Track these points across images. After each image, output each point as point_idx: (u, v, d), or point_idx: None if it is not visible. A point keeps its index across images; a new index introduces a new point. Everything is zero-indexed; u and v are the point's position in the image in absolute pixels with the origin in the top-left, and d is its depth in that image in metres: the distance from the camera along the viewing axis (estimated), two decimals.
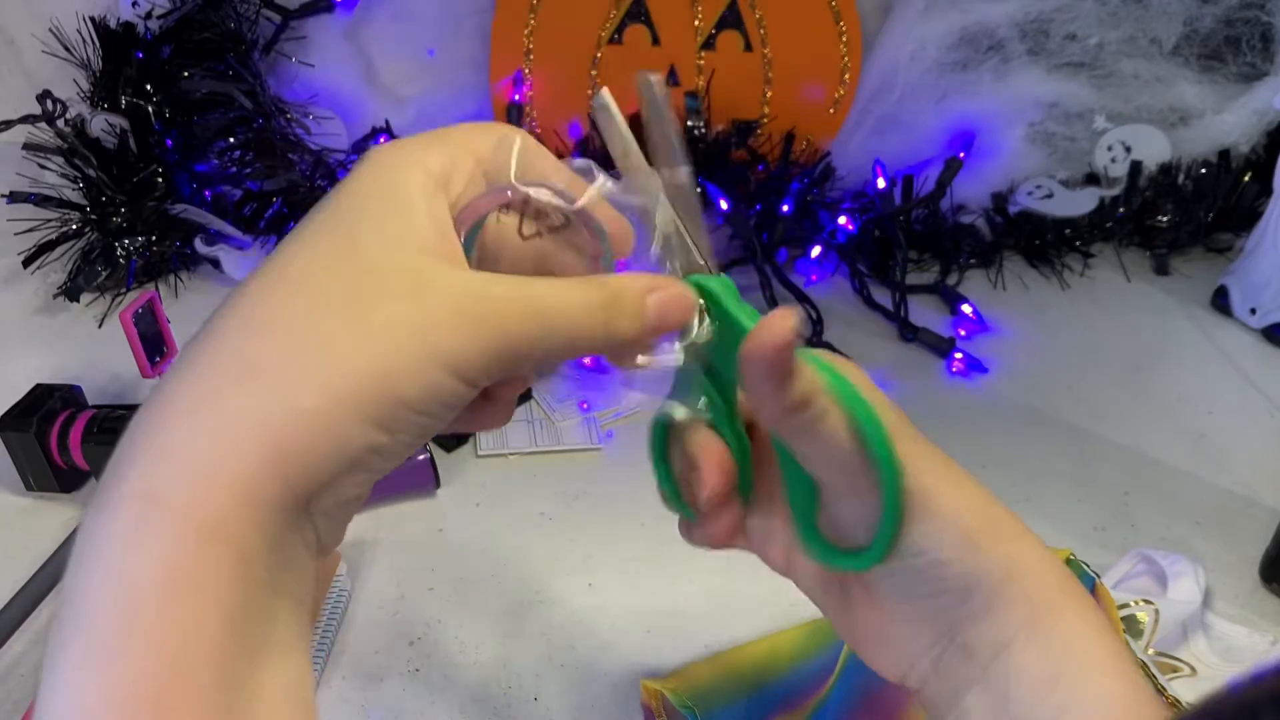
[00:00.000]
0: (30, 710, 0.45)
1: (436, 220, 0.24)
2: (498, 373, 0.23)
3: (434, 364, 0.22)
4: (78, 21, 0.82)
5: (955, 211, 0.93)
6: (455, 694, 0.48)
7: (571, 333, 0.24)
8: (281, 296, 0.22)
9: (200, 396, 0.21)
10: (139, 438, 0.21)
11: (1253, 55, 0.92)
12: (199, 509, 0.20)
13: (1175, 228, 0.92)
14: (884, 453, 0.27)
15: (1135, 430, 0.69)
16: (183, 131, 0.81)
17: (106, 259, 0.80)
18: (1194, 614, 0.51)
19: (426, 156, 0.24)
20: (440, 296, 0.22)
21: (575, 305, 0.24)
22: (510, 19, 0.92)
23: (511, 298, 0.23)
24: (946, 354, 0.76)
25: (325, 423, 0.21)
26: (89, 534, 0.20)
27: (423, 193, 0.24)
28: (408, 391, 0.21)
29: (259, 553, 0.21)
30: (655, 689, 0.47)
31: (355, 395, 0.21)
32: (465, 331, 0.22)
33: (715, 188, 0.82)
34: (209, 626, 0.20)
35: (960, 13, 0.90)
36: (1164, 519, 0.61)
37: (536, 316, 0.23)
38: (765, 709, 0.47)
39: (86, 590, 0.19)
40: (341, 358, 0.21)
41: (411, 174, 0.24)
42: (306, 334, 0.21)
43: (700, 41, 0.93)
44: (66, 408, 0.59)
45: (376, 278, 0.22)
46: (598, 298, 0.24)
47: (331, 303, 0.22)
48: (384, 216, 0.23)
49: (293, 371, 0.21)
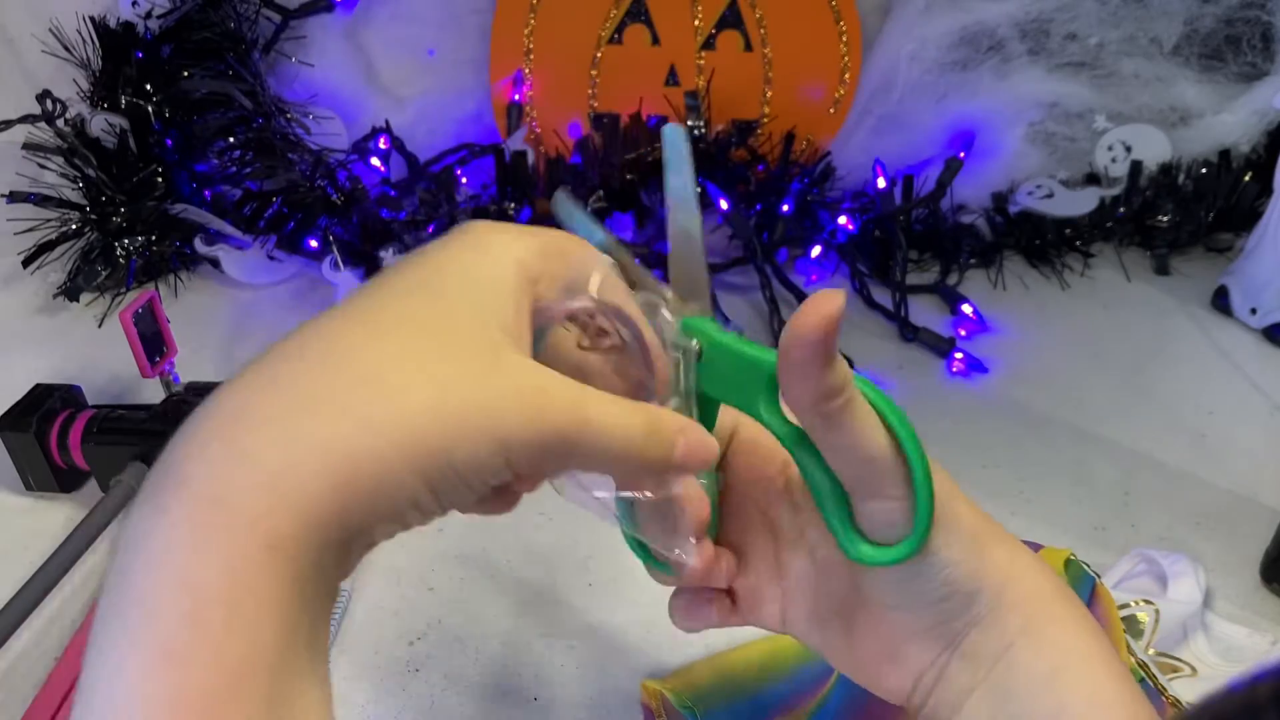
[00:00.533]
0: (32, 707, 0.45)
1: (521, 311, 0.25)
2: (536, 464, 0.24)
3: (489, 440, 0.22)
4: (77, 21, 0.82)
5: (955, 211, 0.93)
6: (455, 694, 0.48)
7: (608, 445, 0.25)
8: (365, 336, 0.23)
9: (275, 409, 0.21)
10: (206, 440, 0.21)
11: (1253, 55, 0.92)
12: (268, 521, 0.20)
13: (1175, 228, 0.92)
14: (913, 440, 0.28)
15: (1135, 430, 0.69)
16: (182, 131, 0.82)
17: (106, 259, 0.80)
18: (1194, 614, 0.51)
19: (527, 254, 0.26)
20: (510, 379, 0.23)
21: (619, 421, 0.25)
22: (510, 19, 0.92)
23: (568, 398, 0.24)
24: (947, 354, 0.76)
25: (388, 467, 0.21)
26: (148, 531, 0.20)
27: (516, 283, 0.25)
28: (462, 459, 0.22)
29: (311, 576, 0.21)
30: (655, 689, 0.47)
31: (418, 449, 0.22)
32: (523, 418, 0.23)
33: (715, 188, 0.82)
34: (268, 641, 0.20)
35: (960, 12, 0.90)
36: (1164, 519, 0.61)
37: (584, 422, 0.24)
38: (766, 710, 0.47)
39: (149, 590, 0.19)
40: (413, 412, 0.22)
41: (510, 262, 0.25)
42: (385, 378, 0.22)
43: (700, 41, 0.93)
44: (66, 408, 0.59)
45: (460, 347, 0.23)
46: (640, 421, 0.26)
47: (415, 356, 0.22)
48: (478, 292, 0.24)
49: (367, 410, 0.21)
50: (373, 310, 0.24)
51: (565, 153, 0.91)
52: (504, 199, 0.83)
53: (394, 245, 0.80)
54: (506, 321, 0.24)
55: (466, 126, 0.96)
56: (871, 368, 0.74)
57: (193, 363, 0.74)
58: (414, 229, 0.81)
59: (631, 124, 0.90)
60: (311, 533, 0.21)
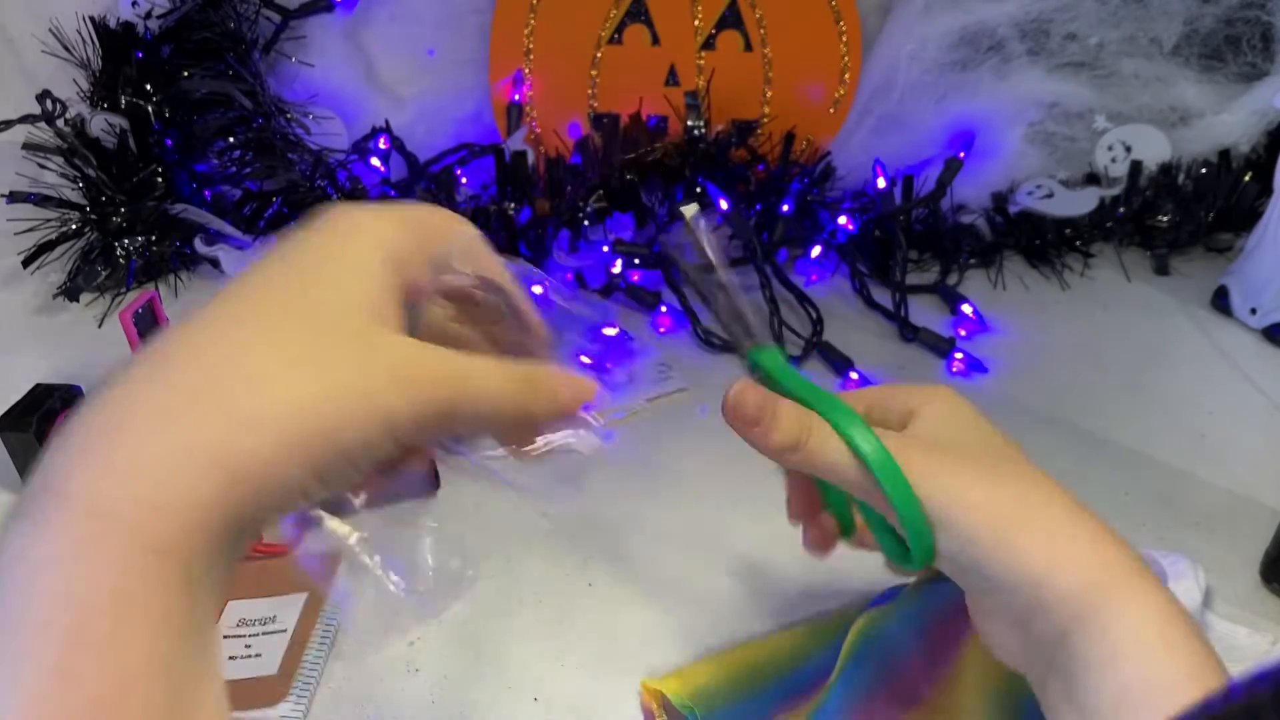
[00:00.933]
0: None
1: (387, 291, 0.25)
2: (425, 434, 0.25)
3: (373, 421, 0.23)
4: (77, 21, 0.82)
5: (955, 211, 0.93)
6: (455, 694, 0.48)
7: (492, 405, 0.26)
8: (239, 332, 0.23)
9: (152, 414, 0.21)
10: (81, 448, 0.21)
11: (1253, 55, 0.92)
12: (152, 528, 0.20)
13: (1175, 228, 0.92)
14: (880, 464, 0.31)
15: (1135, 430, 0.69)
16: (182, 131, 0.82)
17: (106, 259, 0.80)
18: (1193, 613, 0.51)
19: (390, 232, 0.26)
20: (384, 359, 0.24)
21: (498, 381, 0.26)
22: (510, 19, 0.92)
23: (445, 369, 0.25)
24: (947, 354, 0.76)
25: (273, 463, 0.22)
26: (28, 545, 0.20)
27: (381, 266, 0.25)
28: (349, 444, 0.23)
29: (202, 576, 0.21)
30: (655, 689, 0.47)
31: (304, 441, 0.22)
32: (403, 394, 0.24)
33: (715, 188, 0.82)
34: (161, 648, 0.20)
35: (960, 12, 0.90)
36: (1164, 519, 0.61)
37: (463, 387, 0.25)
38: (766, 709, 0.47)
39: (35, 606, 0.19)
40: (294, 405, 0.22)
41: (374, 245, 0.25)
42: (262, 374, 0.22)
43: (700, 41, 0.93)
44: (66, 408, 0.59)
45: (331, 334, 0.23)
46: (520, 379, 0.27)
47: (287, 348, 0.23)
48: (343, 279, 0.25)
49: (248, 405, 0.22)
50: (244, 306, 0.24)
51: (565, 153, 0.91)
52: (504, 199, 0.83)
53: None
54: (375, 302, 0.25)
55: (466, 126, 0.96)
56: (871, 368, 0.74)
57: None
58: None
59: (631, 124, 0.90)
60: (200, 535, 0.21)
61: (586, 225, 0.84)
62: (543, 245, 0.84)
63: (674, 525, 0.60)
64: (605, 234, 0.85)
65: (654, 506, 0.61)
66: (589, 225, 0.84)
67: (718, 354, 0.77)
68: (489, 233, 0.81)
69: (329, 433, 0.22)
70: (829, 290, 0.86)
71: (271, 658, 0.48)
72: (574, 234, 0.84)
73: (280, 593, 0.51)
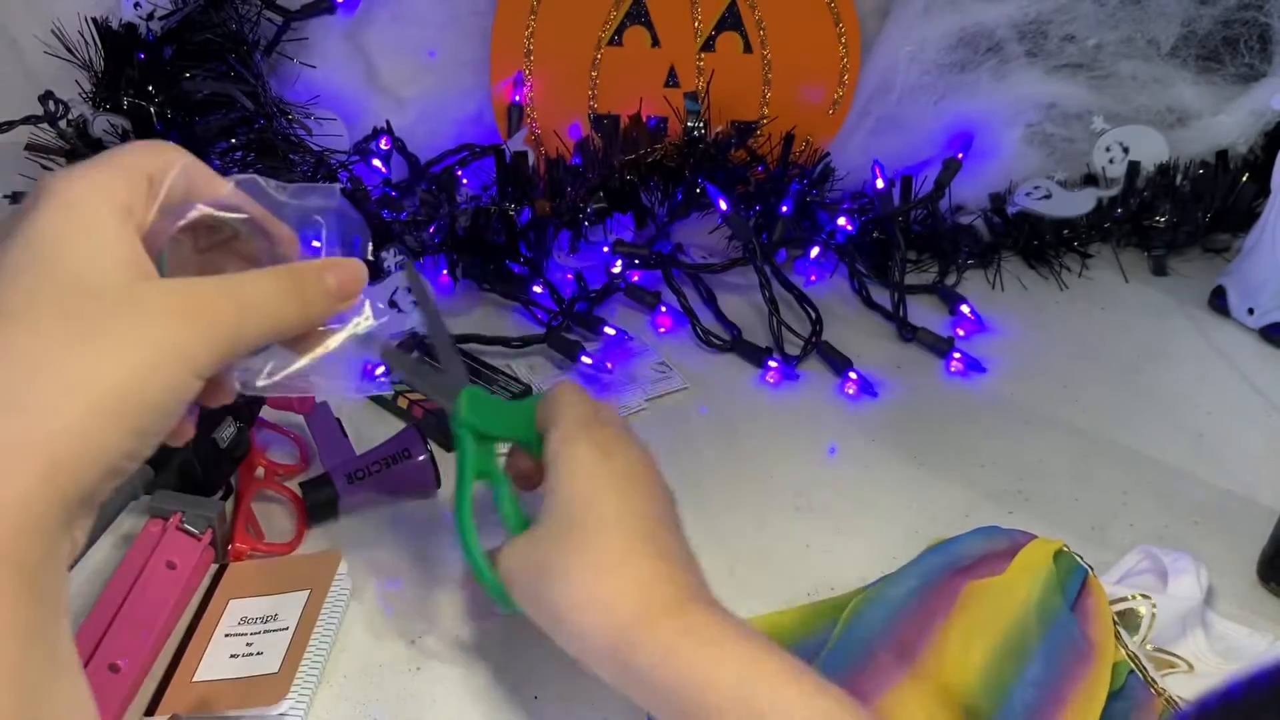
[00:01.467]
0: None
1: (130, 243, 0.26)
2: (220, 360, 0.25)
3: (171, 365, 0.24)
4: (79, 22, 0.82)
5: (954, 212, 0.94)
6: (456, 694, 0.49)
7: (272, 312, 0.27)
8: (10, 326, 0.23)
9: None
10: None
11: (1250, 56, 0.92)
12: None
13: (1173, 228, 0.92)
14: (462, 530, 0.43)
15: (1133, 430, 0.69)
16: (184, 132, 0.82)
17: None
18: (1193, 610, 0.51)
19: (110, 185, 0.26)
20: (157, 305, 0.24)
21: (269, 288, 0.27)
22: (510, 20, 0.92)
23: (216, 293, 0.26)
24: (945, 354, 0.77)
25: (88, 436, 0.22)
26: None
27: (113, 219, 0.25)
28: (155, 395, 0.24)
29: (40, 570, 0.21)
30: None
31: (113, 407, 0.23)
32: (188, 331, 0.24)
33: (715, 188, 0.82)
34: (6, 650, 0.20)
35: (959, 14, 0.90)
36: (1162, 519, 0.61)
37: (240, 304, 0.26)
38: None
39: None
40: (89, 376, 0.23)
41: (100, 204, 0.25)
42: (47, 359, 0.22)
43: (700, 43, 0.93)
44: None
45: (95, 299, 0.24)
46: (287, 278, 0.28)
47: (61, 327, 0.23)
48: (84, 244, 0.25)
49: (46, 395, 0.22)
50: (3, 302, 0.23)
51: (565, 154, 0.91)
52: (504, 199, 0.83)
53: (395, 246, 0.80)
54: (124, 258, 0.25)
55: (467, 127, 0.96)
56: (870, 368, 0.75)
57: None
58: (415, 229, 0.81)
59: (631, 125, 0.90)
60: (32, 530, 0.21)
61: (587, 226, 0.84)
62: (543, 246, 0.84)
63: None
64: (605, 234, 0.85)
65: None
66: (589, 226, 0.84)
67: (718, 354, 0.78)
68: (489, 233, 0.82)
69: (134, 390, 0.23)
70: (828, 290, 0.87)
71: (273, 656, 0.48)
72: (574, 235, 0.85)
73: (282, 591, 0.52)
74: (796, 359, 0.76)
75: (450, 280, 0.84)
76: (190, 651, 0.49)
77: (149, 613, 0.49)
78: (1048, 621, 0.46)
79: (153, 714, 0.46)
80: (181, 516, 0.53)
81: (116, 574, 0.51)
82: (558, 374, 0.74)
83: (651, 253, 0.83)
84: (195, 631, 0.50)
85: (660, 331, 0.81)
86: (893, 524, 0.60)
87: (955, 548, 0.53)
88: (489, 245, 0.82)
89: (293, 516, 0.59)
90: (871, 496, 0.63)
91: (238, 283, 0.27)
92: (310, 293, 0.28)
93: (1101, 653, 0.46)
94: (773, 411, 0.71)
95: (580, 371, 0.73)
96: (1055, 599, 0.47)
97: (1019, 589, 0.48)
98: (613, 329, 0.77)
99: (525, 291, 0.81)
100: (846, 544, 0.58)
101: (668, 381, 0.73)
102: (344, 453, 0.61)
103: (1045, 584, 0.48)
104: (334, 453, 0.62)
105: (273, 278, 0.27)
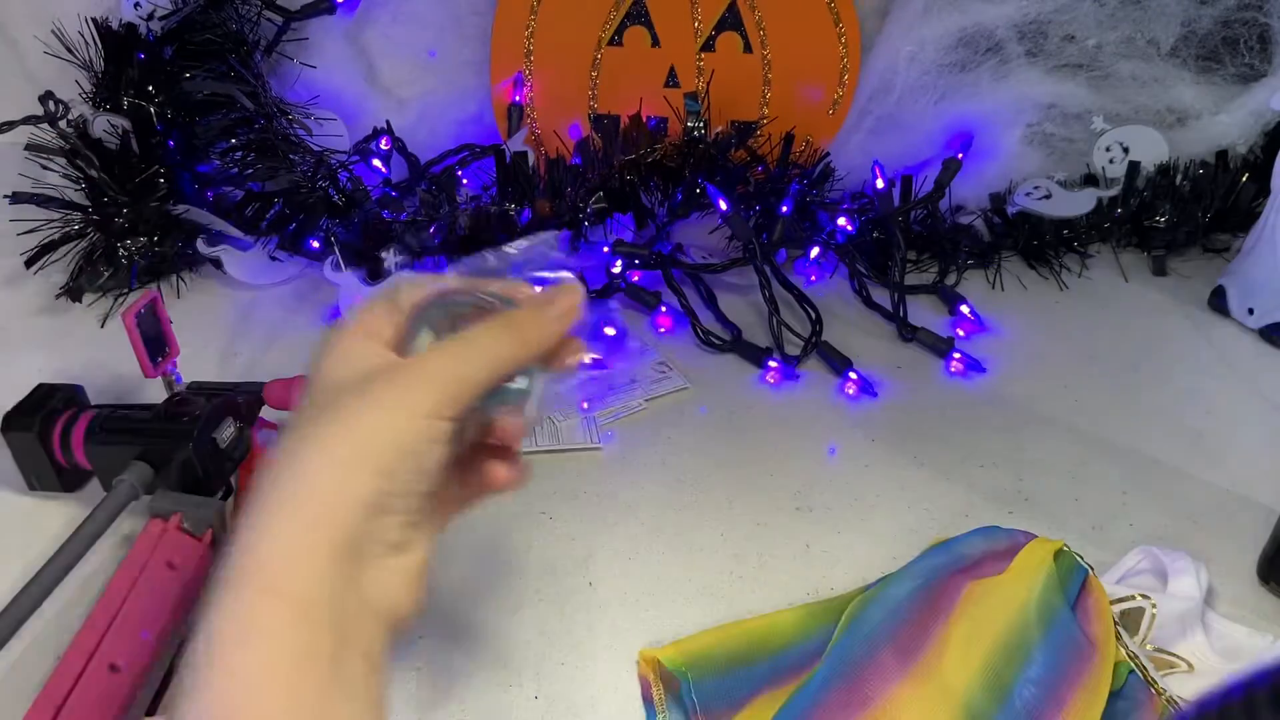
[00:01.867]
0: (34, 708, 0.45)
1: (373, 353, 0.32)
2: (451, 403, 0.30)
3: (396, 414, 0.29)
4: (79, 23, 0.82)
5: (954, 212, 0.94)
6: (456, 693, 0.49)
7: (492, 354, 0.31)
8: (294, 430, 0.29)
9: (265, 510, 0.28)
10: (240, 544, 0.27)
11: (1250, 56, 0.92)
12: (259, 572, 0.26)
13: (1173, 228, 0.92)
14: None
15: (1133, 430, 0.69)
16: (184, 132, 0.82)
17: (109, 259, 0.81)
18: (1193, 610, 0.51)
19: (359, 323, 0.32)
20: (382, 377, 0.30)
21: (483, 336, 0.32)
22: (510, 20, 0.92)
23: (434, 353, 0.31)
24: (945, 354, 0.77)
25: (339, 486, 0.28)
26: (225, 603, 0.26)
27: (359, 343, 0.32)
28: (386, 439, 0.28)
29: (317, 603, 0.26)
30: (652, 657, 0.49)
31: (352, 458, 0.28)
32: (407, 387, 0.29)
33: (715, 188, 0.82)
34: (279, 664, 0.25)
35: (959, 14, 0.90)
36: (1162, 518, 0.61)
37: (456, 356, 0.31)
38: (754, 683, 0.47)
39: (194, 646, 0.26)
40: (334, 441, 0.28)
41: (354, 339, 0.32)
42: (311, 435, 0.29)
43: (700, 43, 0.93)
44: (69, 408, 0.59)
45: (342, 391, 0.30)
46: (497, 323, 0.32)
47: (320, 415, 0.29)
48: (341, 364, 0.31)
49: (304, 462, 0.28)
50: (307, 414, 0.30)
51: (565, 154, 0.91)
52: (504, 200, 0.83)
53: (395, 246, 0.80)
54: (367, 365, 0.31)
55: (467, 127, 0.97)
56: (870, 368, 0.75)
57: (195, 363, 0.74)
58: (415, 229, 0.81)
59: (631, 125, 0.90)
60: (304, 567, 0.26)
61: (587, 226, 0.84)
62: None
63: (673, 524, 0.60)
64: (605, 235, 0.85)
65: (653, 505, 0.61)
66: (589, 226, 0.85)
67: (718, 354, 0.78)
68: (489, 233, 0.82)
69: (368, 441, 0.28)
70: (828, 290, 0.87)
71: None
72: (574, 235, 0.85)
73: None
74: (796, 359, 0.76)
75: None
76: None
77: (149, 613, 0.49)
78: (1049, 621, 0.46)
79: (153, 714, 0.46)
80: (182, 517, 0.53)
81: (116, 574, 0.51)
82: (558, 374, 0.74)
83: (651, 253, 0.83)
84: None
85: (660, 331, 0.81)
86: (893, 524, 0.60)
87: (956, 547, 0.53)
88: (489, 245, 0.82)
89: None
90: (871, 496, 0.63)
91: (456, 339, 0.32)
92: (525, 328, 0.32)
93: (1103, 652, 0.46)
94: (773, 412, 0.71)
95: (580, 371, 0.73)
96: (1056, 598, 0.47)
97: (1020, 588, 0.48)
98: (613, 329, 0.77)
99: None
100: (847, 544, 0.58)
101: (668, 381, 0.74)
102: None
103: (1046, 583, 0.48)
104: None
105: (484, 326, 0.32)
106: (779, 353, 0.77)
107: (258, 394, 0.62)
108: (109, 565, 0.56)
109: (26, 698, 0.47)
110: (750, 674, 0.48)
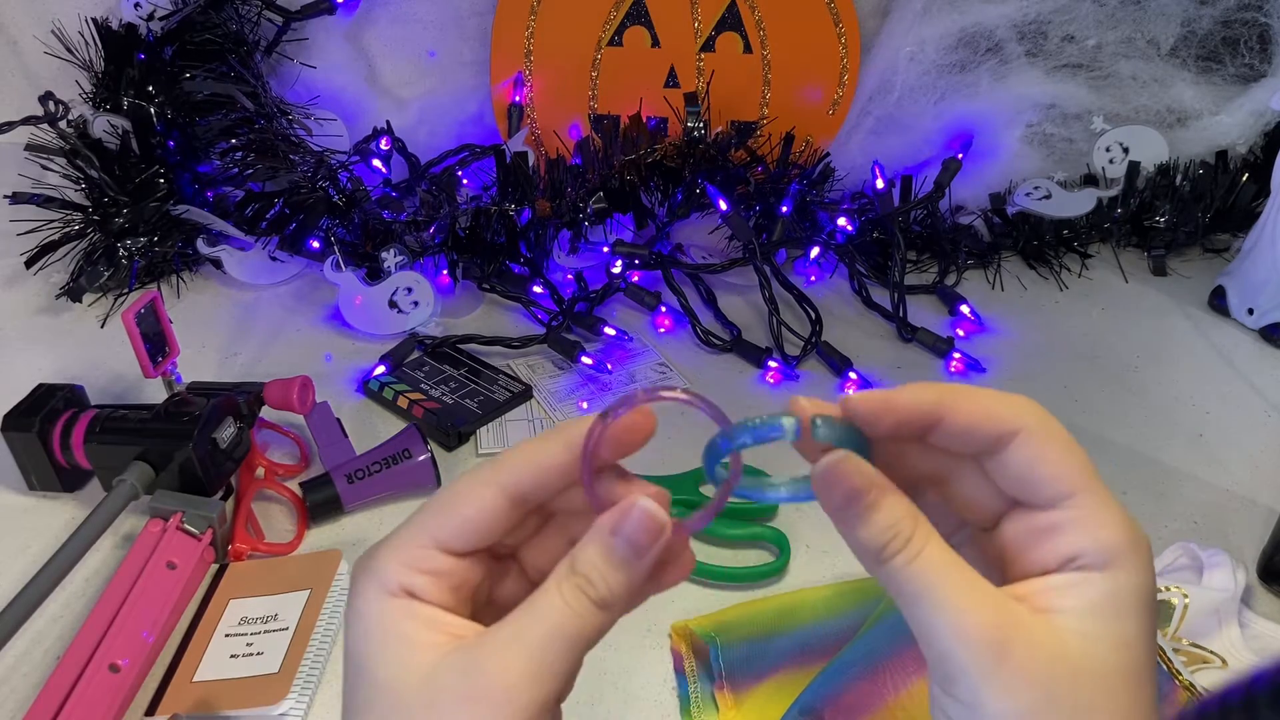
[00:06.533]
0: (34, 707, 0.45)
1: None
2: (540, 704, 0.27)
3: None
4: (79, 23, 0.82)
5: (954, 212, 0.94)
6: None
7: (566, 634, 0.28)
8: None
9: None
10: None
11: (1250, 56, 0.92)
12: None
13: (1173, 228, 0.92)
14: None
15: (1133, 430, 0.69)
16: (184, 132, 0.82)
17: (109, 259, 0.81)
18: (1228, 603, 0.51)
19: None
20: (448, 695, 0.26)
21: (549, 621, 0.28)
22: (510, 20, 0.92)
23: (500, 656, 0.27)
24: (945, 354, 0.77)
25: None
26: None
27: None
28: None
29: None
30: (684, 627, 0.51)
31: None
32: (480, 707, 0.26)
33: (715, 188, 0.82)
34: None
35: (958, 14, 0.90)
36: (1162, 518, 0.61)
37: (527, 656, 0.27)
38: (779, 656, 0.49)
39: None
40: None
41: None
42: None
43: (700, 43, 0.93)
44: (69, 407, 0.59)
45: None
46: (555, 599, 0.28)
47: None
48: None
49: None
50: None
51: (566, 154, 0.91)
52: (505, 200, 0.83)
53: (395, 246, 0.80)
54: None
55: (467, 128, 0.97)
56: (870, 368, 0.75)
57: (195, 363, 0.74)
58: (415, 229, 0.81)
59: (631, 125, 0.90)
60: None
61: (587, 226, 0.84)
62: (543, 246, 0.85)
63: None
64: (605, 234, 0.85)
65: None
66: (589, 226, 0.85)
67: (718, 354, 0.78)
68: (489, 233, 0.82)
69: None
70: (828, 290, 0.87)
71: (273, 656, 0.48)
72: (574, 235, 0.85)
73: (282, 591, 0.52)
74: (796, 359, 0.76)
75: (450, 280, 0.84)
76: (190, 651, 0.49)
77: (149, 613, 0.49)
78: None
79: (153, 714, 0.46)
80: (182, 516, 0.53)
81: (116, 574, 0.51)
82: (558, 374, 0.74)
83: (651, 253, 0.83)
84: (195, 631, 0.50)
85: (660, 331, 0.81)
86: None
87: None
88: (489, 245, 0.82)
89: (293, 516, 0.59)
90: None
91: (518, 636, 0.27)
92: (594, 593, 0.28)
93: None
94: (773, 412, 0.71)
95: (580, 372, 0.73)
96: None
97: None
98: (613, 329, 0.77)
99: (525, 291, 0.81)
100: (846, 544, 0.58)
101: (668, 381, 0.74)
102: (344, 453, 0.61)
103: None
104: (334, 453, 0.62)
105: (547, 589, 0.28)
106: (779, 353, 0.77)
107: (258, 394, 0.63)
108: (109, 565, 0.56)
109: (26, 698, 0.47)
110: (777, 646, 0.49)
